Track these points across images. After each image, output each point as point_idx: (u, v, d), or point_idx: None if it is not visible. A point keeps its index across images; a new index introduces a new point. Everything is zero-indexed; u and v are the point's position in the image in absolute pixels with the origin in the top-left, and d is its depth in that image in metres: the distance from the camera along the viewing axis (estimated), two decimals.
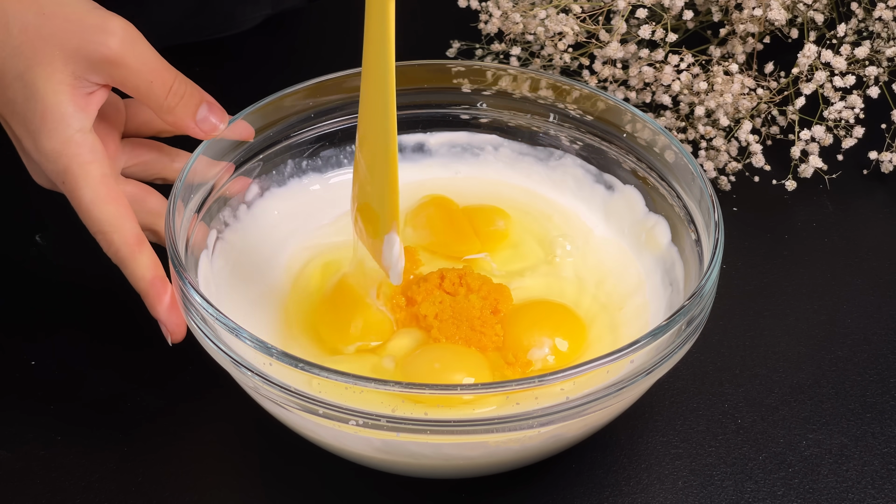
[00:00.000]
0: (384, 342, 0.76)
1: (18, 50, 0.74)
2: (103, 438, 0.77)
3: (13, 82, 0.75)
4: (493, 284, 0.78)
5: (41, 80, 0.74)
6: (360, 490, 0.75)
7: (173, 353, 0.79)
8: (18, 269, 0.88)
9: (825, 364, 0.82)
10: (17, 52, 0.74)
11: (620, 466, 0.76)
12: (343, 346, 0.76)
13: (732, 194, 0.94)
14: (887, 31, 0.96)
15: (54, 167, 0.75)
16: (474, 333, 0.75)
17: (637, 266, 0.81)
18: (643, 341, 0.68)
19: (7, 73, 0.75)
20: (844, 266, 0.89)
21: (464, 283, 0.77)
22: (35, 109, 0.74)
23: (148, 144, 0.82)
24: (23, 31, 0.74)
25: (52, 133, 0.74)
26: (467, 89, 0.86)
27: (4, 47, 0.75)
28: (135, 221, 0.75)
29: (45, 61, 0.74)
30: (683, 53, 0.95)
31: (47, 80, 0.74)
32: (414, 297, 0.77)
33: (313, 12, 1.12)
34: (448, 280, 0.77)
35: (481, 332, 0.75)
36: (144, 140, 0.82)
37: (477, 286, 0.77)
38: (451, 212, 0.84)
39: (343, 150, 0.86)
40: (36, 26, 0.74)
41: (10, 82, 0.75)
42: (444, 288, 0.77)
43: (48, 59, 0.74)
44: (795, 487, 0.75)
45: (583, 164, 0.85)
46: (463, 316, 0.75)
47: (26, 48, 0.74)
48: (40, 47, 0.74)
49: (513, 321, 0.77)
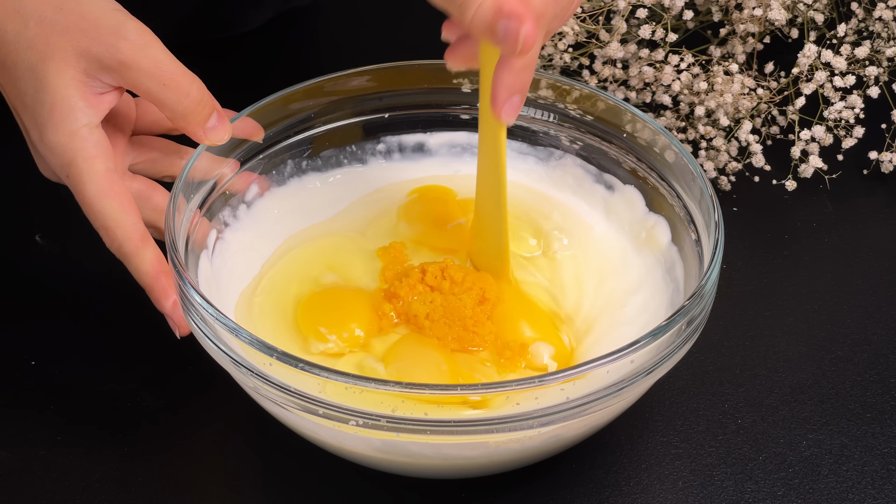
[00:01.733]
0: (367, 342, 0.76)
1: (32, 42, 0.75)
2: (103, 438, 0.77)
3: (25, 73, 0.75)
4: (477, 274, 0.78)
5: (52, 74, 0.74)
6: (360, 490, 0.75)
7: (173, 353, 0.79)
8: (18, 269, 0.88)
9: (825, 364, 0.82)
10: (30, 45, 0.75)
11: (620, 466, 0.76)
12: (318, 340, 0.76)
13: (732, 194, 0.94)
14: (887, 31, 0.96)
15: (59, 160, 0.75)
16: (466, 333, 0.75)
17: (637, 266, 0.81)
18: (643, 341, 0.68)
19: (20, 64, 0.75)
20: (844, 266, 0.89)
21: (447, 277, 0.77)
22: (44, 102, 0.75)
23: (157, 142, 0.82)
24: (38, 23, 0.75)
25: (58, 126, 0.75)
26: (467, 89, 0.86)
27: (20, 39, 0.75)
28: (138, 217, 0.75)
29: (58, 56, 0.74)
30: (683, 53, 0.95)
31: (58, 75, 0.74)
32: (397, 293, 0.77)
33: (314, 13, 1.12)
34: (430, 274, 0.77)
35: (474, 331, 0.75)
36: (153, 137, 0.82)
37: (460, 278, 0.77)
38: (443, 203, 0.84)
39: (343, 150, 0.86)
40: (52, 21, 0.75)
41: (22, 73, 0.75)
42: (426, 282, 0.77)
43: (61, 53, 0.74)
44: (795, 487, 0.75)
45: (583, 163, 0.85)
46: (455, 315, 0.75)
47: (39, 41, 0.75)
48: (53, 42, 0.74)
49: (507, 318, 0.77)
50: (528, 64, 0.69)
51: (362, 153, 0.87)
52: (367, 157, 0.87)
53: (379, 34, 1.10)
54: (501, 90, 0.69)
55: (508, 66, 0.68)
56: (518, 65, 0.68)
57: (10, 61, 0.76)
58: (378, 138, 0.87)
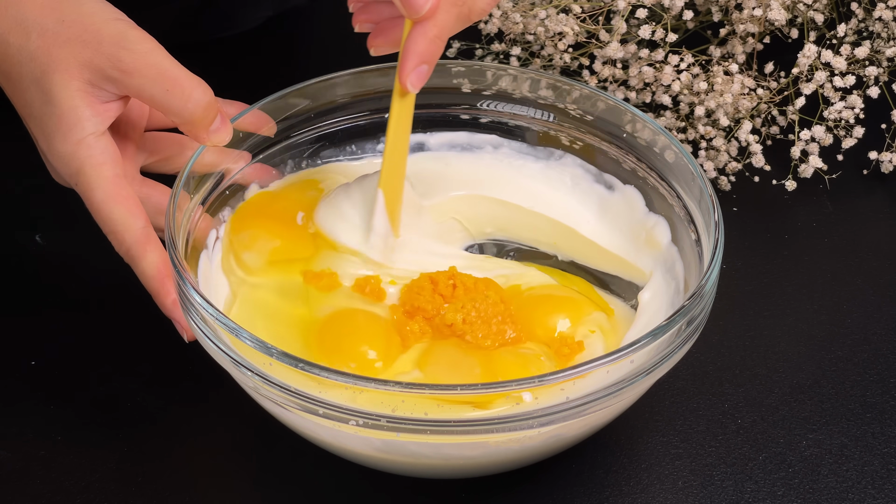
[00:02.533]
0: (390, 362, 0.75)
1: (35, 55, 0.75)
2: (103, 438, 0.77)
3: (30, 86, 0.76)
4: (481, 279, 0.78)
5: (57, 86, 0.75)
6: (360, 489, 0.75)
7: (173, 352, 0.79)
8: (18, 269, 0.88)
9: (825, 364, 0.82)
10: (33, 57, 0.75)
11: (620, 466, 0.76)
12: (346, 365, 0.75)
13: (732, 194, 0.94)
14: (887, 31, 0.96)
15: (68, 169, 0.76)
16: (505, 325, 0.75)
17: (637, 266, 0.81)
18: (643, 341, 0.68)
19: (24, 76, 0.76)
20: (844, 266, 0.89)
21: (458, 284, 0.77)
22: (51, 113, 0.75)
23: (169, 139, 0.82)
24: (41, 36, 0.75)
25: (66, 135, 0.75)
26: (467, 89, 0.86)
27: (22, 52, 0.75)
28: (146, 221, 0.76)
29: (62, 68, 0.75)
30: (683, 53, 0.95)
31: (63, 87, 0.75)
32: (421, 307, 0.76)
33: (314, 12, 1.12)
34: (441, 284, 0.77)
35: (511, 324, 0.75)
36: (166, 134, 0.82)
37: (472, 283, 0.77)
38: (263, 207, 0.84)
39: (343, 149, 0.86)
40: (54, 33, 0.75)
41: (27, 85, 0.76)
42: (439, 292, 0.77)
43: (64, 65, 0.75)
44: (795, 487, 0.75)
45: (583, 163, 0.85)
46: (489, 313, 0.75)
47: (42, 53, 0.75)
48: (56, 54, 0.75)
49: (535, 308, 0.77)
50: (439, 35, 0.72)
51: (362, 153, 0.87)
52: (366, 156, 0.87)
53: None
54: (411, 56, 0.72)
55: (422, 32, 0.72)
56: (430, 33, 0.72)
57: (15, 73, 0.76)
58: (378, 138, 0.87)
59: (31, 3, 0.76)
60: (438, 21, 0.72)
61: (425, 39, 0.72)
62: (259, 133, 0.82)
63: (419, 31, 0.72)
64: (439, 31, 0.72)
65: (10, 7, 0.76)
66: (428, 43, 0.72)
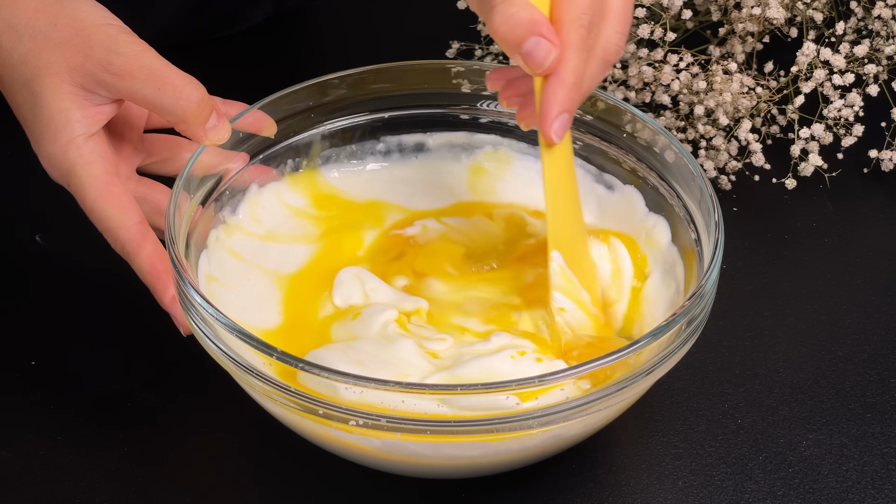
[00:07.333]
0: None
1: (26, 58, 0.76)
2: (103, 438, 0.77)
3: (21, 88, 0.76)
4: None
5: (47, 89, 0.75)
6: (361, 489, 0.75)
7: (173, 353, 0.79)
8: (18, 269, 0.88)
9: (825, 364, 0.82)
10: (24, 60, 0.76)
11: (620, 466, 0.76)
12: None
13: (732, 194, 0.94)
14: (886, 30, 0.96)
15: (58, 171, 0.76)
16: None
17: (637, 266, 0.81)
18: (643, 341, 0.68)
19: (15, 78, 0.76)
20: (844, 266, 0.89)
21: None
22: (41, 115, 0.75)
23: (168, 141, 0.82)
24: (32, 39, 0.76)
25: (55, 137, 0.75)
26: (467, 89, 0.86)
27: (13, 54, 0.76)
28: (140, 217, 0.76)
29: (53, 71, 0.75)
30: (683, 53, 0.95)
31: (53, 90, 0.75)
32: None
33: (314, 12, 1.12)
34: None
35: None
36: (163, 136, 0.82)
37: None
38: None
39: (343, 149, 0.86)
40: (45, 36, 0.75)
41: (18, 88, 0.76)
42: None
43: (55, 69, 0.75)
44: (795, 487, 0.75)
45: (582, 163, 0.85)
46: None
47: (33, 56, 0.75)
48: (47, 57, 0.75)
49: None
50: (576, 83, 0.69)
51: (362, 153, 0.87)
52: (366, 156, 0.87)
53: (378, 32, 1.10)
54: (551, 106, 0.69)
55: (558, 81, 0.69)
56: (567, 81, 0.69)
57: (7, 76, 0.77)
58: (378, 138, 0.87)
59: (23, 6, 0.76)
60: (571, 67, 0.69)
61: (563, 88, 0.69)
62: (259, 133, 0.82)
63: (555, 80, 0.69)
64: (575, 78, 0.69)
65: (2, 9, 0.76)
66: (566, 91, 0.69)
